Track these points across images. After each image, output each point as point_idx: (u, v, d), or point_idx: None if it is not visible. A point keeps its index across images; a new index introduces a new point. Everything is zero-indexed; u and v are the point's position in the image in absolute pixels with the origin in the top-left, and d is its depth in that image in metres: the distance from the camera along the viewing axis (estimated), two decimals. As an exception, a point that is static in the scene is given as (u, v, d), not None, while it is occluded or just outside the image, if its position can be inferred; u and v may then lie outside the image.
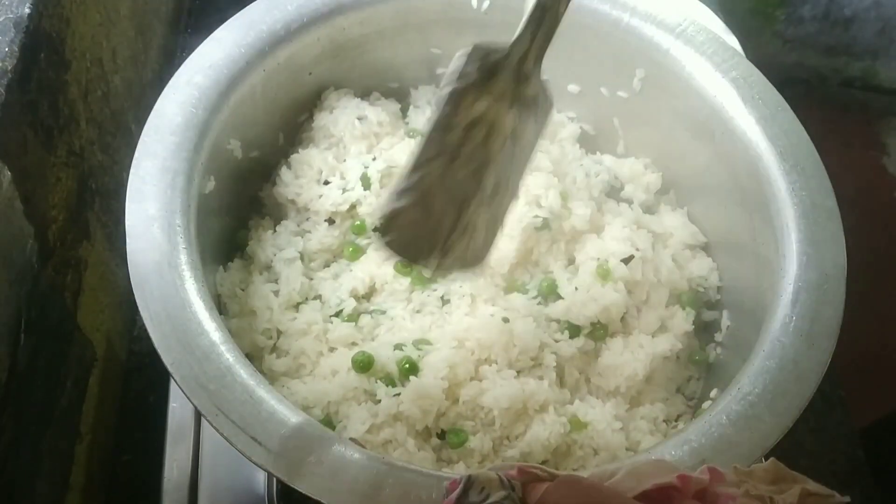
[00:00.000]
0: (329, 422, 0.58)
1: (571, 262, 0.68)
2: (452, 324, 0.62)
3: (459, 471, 0.56)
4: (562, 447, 0.59)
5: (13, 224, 0.55)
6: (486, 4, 0.71)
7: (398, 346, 0.61)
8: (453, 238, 0.48)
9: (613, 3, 0.69)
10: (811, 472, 0.33)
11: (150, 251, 0.52)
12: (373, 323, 0.64)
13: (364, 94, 0.75)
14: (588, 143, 0.78)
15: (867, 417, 0.95)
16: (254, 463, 0.46)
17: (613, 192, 0.74)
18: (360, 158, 0.70)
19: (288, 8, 0.66)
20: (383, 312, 0.64)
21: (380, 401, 0.58)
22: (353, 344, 0.63)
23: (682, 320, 0.66)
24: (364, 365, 0.59)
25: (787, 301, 0.55)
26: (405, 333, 0.63)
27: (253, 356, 0.62)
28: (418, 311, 0.64)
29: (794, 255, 0.57)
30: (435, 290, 0.64)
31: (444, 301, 0.64)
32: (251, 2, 0.66)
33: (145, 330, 0.50)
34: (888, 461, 0.87)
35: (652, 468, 0.34)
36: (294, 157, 0.70)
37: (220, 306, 0.63)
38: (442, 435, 0.59)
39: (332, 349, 0.63)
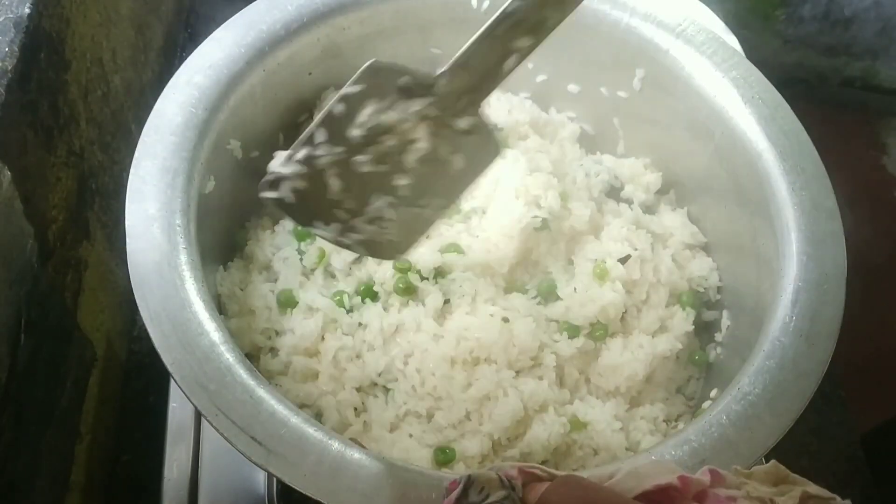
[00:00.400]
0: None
1: (571, 262, 0.68)
2: (453, 321, 0.62)
3: (459, 471, 0.56)
4: (561, 447, 0.59)
5: (13, 224, 0.55)
6: (485, 4, 0.71)
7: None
8: (357, 222, 0.52)
9: (613, 3, 0.69)
10: (811, 473, 0.33)
11: (150, 251, 0.52)
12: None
13: (364, 94, 0.75)
14: (588, 143, 0.78)
15: (868, 421, 0.95)
16: (254, 463, 0.46)
17: (613, 192, 0.75)
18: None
19: (288, 8, 0.66)
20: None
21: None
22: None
23: (682, 320, 0.66)
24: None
25: (787, 301, 0.55)
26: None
27: (252, 356, 0.62)
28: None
29: (794, 254, 0.57)
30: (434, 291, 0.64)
31: (445, 300, 0.64)
32: (251, 2, 0.66)
33: (145, 330, 0.50)
34: (888, 463, 0.87)
35: (652, 469, 0.34)
36: (293, 157, 0.70)
37: (220, 306, 0.63)
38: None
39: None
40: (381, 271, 0.65)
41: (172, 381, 0.70)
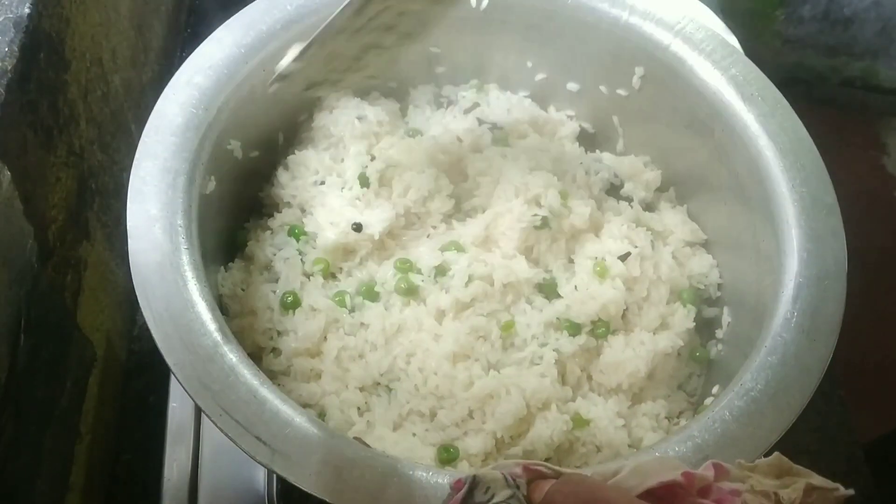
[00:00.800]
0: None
1: (571, 260, 0.68)
2: (454, 321, 0.62)
3: (463, 469, 0.56)
4: (564, 444, 0.59)
5: (13, 224, 0.55)
6: (484, 3, 0.70)
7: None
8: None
9: (612, 1, 0.69)
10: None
11: (152, 252, 0.52)
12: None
13: (364, 94, 0.75)
14: (588, 141, 0.78)
15: (868, 420, 0.94)
16: (258, 462, 0.46)
17: (613, 189, 0.75)
18: (358, 159, 0.69)
19: (288, 8, 0.66)
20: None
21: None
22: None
23: (683, 317, 0.66)
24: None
25: (788, 297, 0.55)
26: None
27: (255, 356, 0.62)
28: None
29: (794, 251, 0.57)
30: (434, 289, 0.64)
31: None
32: (251, 2, 0.66)
33: (145, 330, 0.50)
34: (891, 470, 0.87)
35: (656, 466, 0.34)
36: (291, 158, 0.70)
37: (222, 307, 0.63)
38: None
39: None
40: (382, 272, 0.65)
41: (172, 381, 0.70)
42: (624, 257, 0.66)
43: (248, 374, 0.48)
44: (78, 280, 0.67)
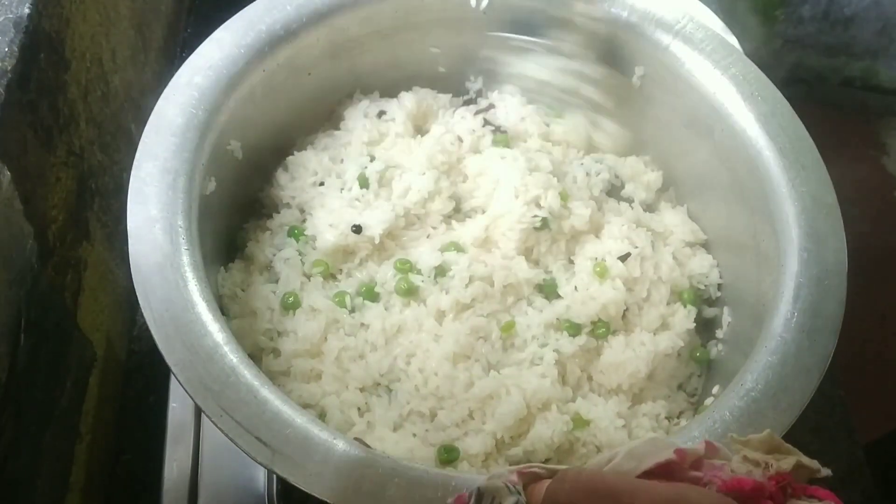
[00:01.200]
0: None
1: (571, 261, 0.68)
2: (454, 322, 0.62)
3: (463, 469, 0.56)
4: (564, 445, 0.59)
5: (13, 224, 0.55)
6: (484, 3, 0.71)
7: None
8: None
9: (612, 0, 0.69)
10: (811, 472, 0.33)
11: (153, 252, 0.52)
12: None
13: (367, 92, 0.75)
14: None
15: (868, 420, 0.95)
16: (259, 463, 0.46)
17: (614, 190, 0.75)
18: (358, 160, 0.69)
19: (288, 8, 0.66)
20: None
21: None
22: (354, 342, 0.63)
23: (684, 317, 0.66)
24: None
25: (788, 297, 0.55)
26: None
27: (255, 357, 0.62)
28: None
29: (794, 250, 0.57)
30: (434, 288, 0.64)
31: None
32: (251, 2, 0.66)
33: (145, 330, 0.50)
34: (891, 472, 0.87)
35: (650, 447, 0.34)
36: (290, 159, 0.70)
37: (222, 307, 0.63)
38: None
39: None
40: (382, 272, 0.65)
41: (172, 381, 0.70)
42: (624, 258, 0.66)
43: (248, 375, 0.48)
44: (78, 280, 0.67)
